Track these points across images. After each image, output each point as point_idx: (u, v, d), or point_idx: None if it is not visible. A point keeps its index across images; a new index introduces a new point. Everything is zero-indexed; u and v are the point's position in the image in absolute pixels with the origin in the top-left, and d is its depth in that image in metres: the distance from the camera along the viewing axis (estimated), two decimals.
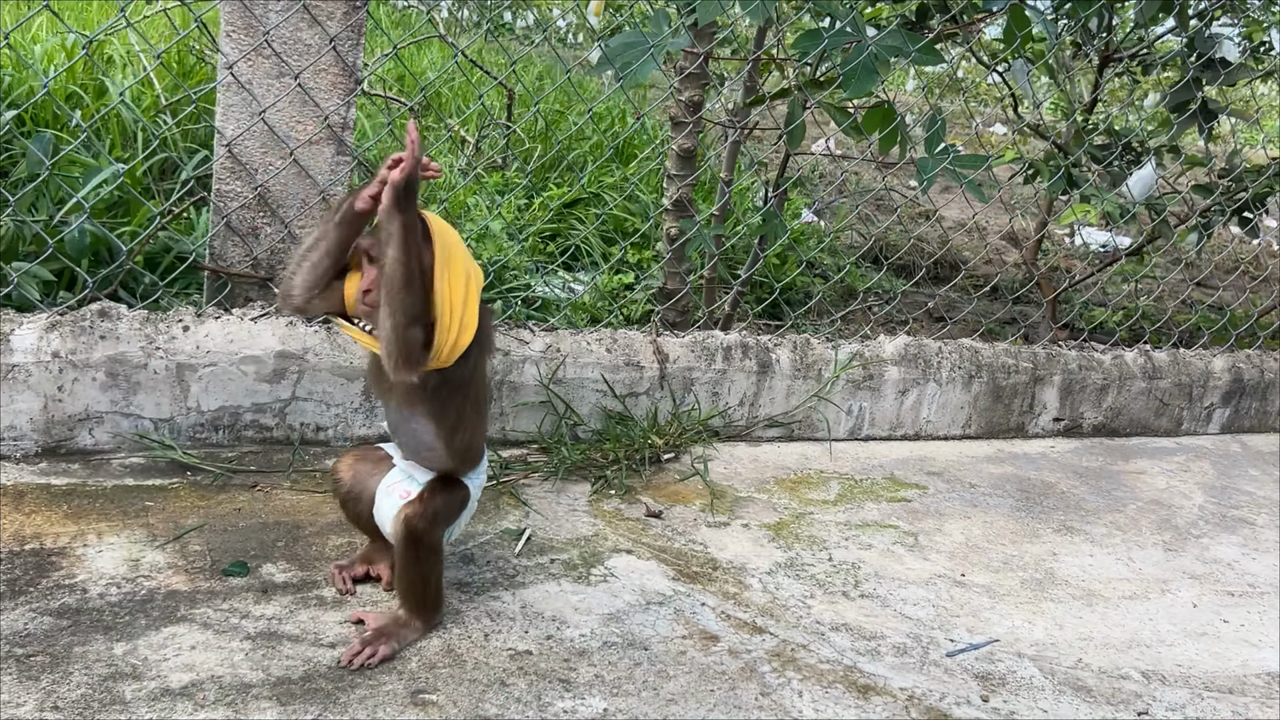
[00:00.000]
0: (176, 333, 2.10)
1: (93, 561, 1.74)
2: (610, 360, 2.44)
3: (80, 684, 1.44)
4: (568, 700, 1.56)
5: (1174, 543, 2.42)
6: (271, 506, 2.01)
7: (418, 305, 1.46)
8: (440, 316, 1.50)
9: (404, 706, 1.49)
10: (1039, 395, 2.92)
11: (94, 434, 2.07)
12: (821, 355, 2.67)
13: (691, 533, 2.16)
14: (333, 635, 1.64)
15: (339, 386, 2.22)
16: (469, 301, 1.52)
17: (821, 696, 1.65)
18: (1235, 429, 3.28)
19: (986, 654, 1.84)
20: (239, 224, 2.14)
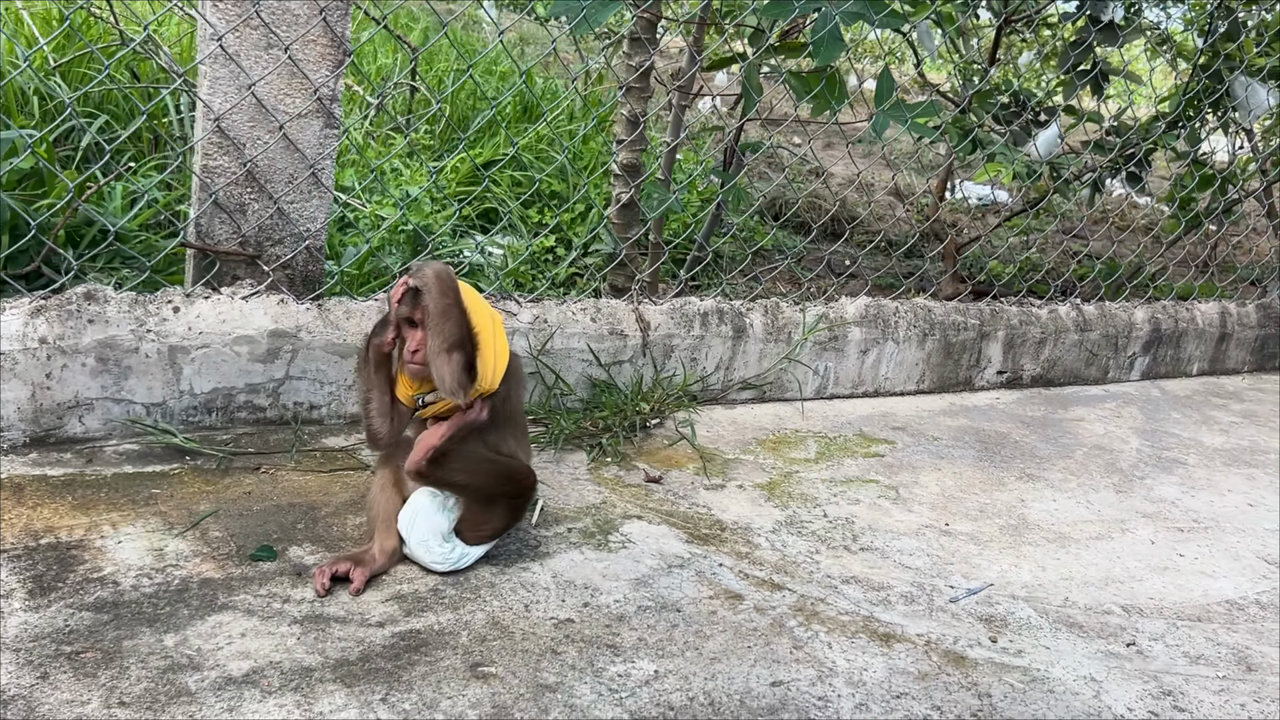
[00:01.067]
0: (167, 314, 2.04)
1: (115, 553, 1.70)
2: (595, 330, 2.47)
3: (140, 678, 1.43)
4: (619, 664, 1.62)
5: (1122, 485, 2.61)
6: (281, 488, 1.99)
7: (460, 331, 1.68)
8: (480, 347, 1.71)
9: (466, 680, 1.52)
10: (985, 350, 3.08)
11: (84, 421, 2.01)
12: (791, 318, 2.75)
13: (692, 496, 2.22)
14: (379, 615, 1.65)
15: (332, 364, 2.19)
16: (498, 334, 1.77)
17: (849, 646, 1.75)
18: (1153, 375, 3.52)
19: (984, 598, 1.98)
20: (226, 200, 2.08)
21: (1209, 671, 1.82)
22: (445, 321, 1.68)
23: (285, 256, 2.17)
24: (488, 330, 1.73)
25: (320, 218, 2.18)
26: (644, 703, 1.53)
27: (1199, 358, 3.59)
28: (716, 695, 1.57)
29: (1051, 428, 2.94)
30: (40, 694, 1.37)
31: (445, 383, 1.68)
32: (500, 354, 1.75)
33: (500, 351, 1.75)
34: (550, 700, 1.51)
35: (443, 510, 1.75)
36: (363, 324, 2.21)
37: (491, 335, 1.74)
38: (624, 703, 1.53)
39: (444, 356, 1.67)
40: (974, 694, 1.67)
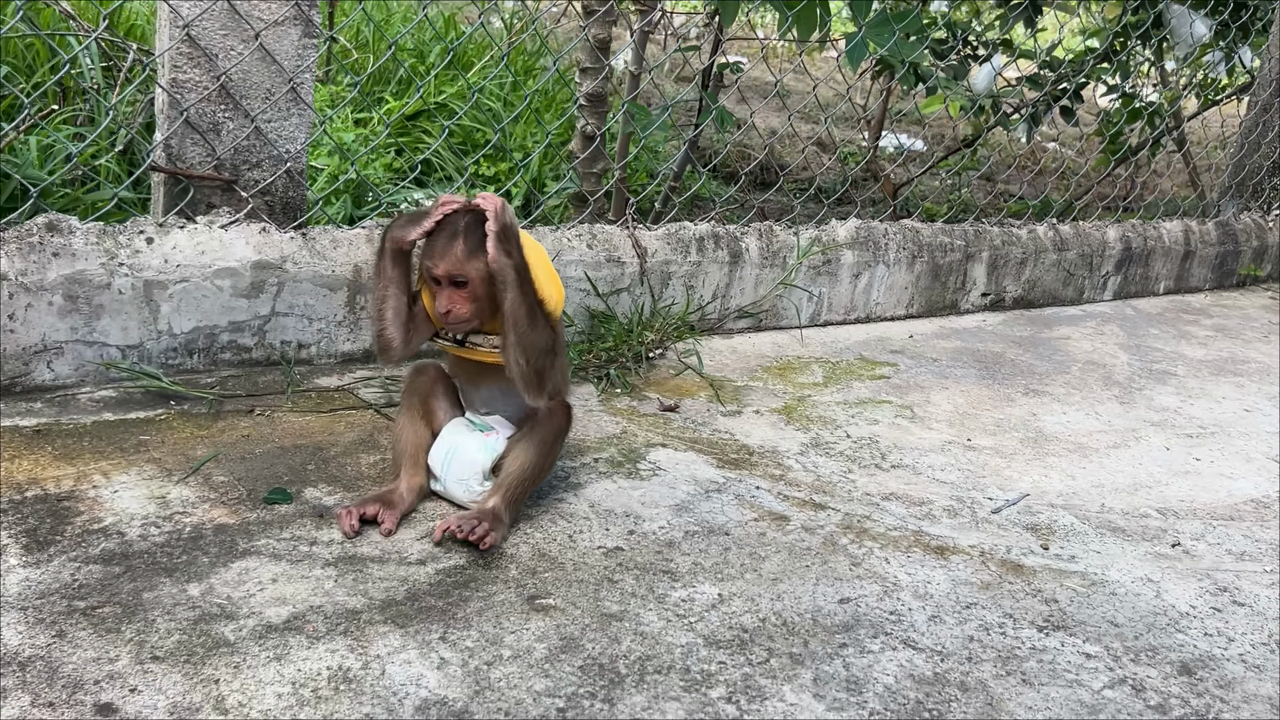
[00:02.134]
0: (140, 246, 1.85)
1: (113, 503, 1.53)
2: (592, 257, 2.35)
3: (171, 631, 1.27)
4: (680, 589, 1.52)
5: (1124, 396, 2.60)
6: (281, 430, 1.83)
7: (545, 338, 1.56)
8: (552, 312, 1.59)
9: (526, 613, 1.41)
10: (970, 272, 3.04)
11: (53, 367, 1.81)
12: (785, 242, 2.66)
13: (711, 423, 2.13)
14: (417, 552, 1.52)
15: (321, 299, 2.03)
16: (553, 278, 1.62)
17: (906, 561, 1.68)
18: (1125, 295, 3.54)
19: (1024, 508, 1.93)
20: (198, 119, 1.89)
21: (1256, 567, 1.80)
22: (533, 331, 1.53)
23: (264, 181, 1.98)
24: (546, 278, 1.59)
25: (301, 137, 2.00)
26: (715, 626, 1.44)
27: (1165, 275, 3.62)
28: (787, 615, 1.49)
29: (1042, 346, 2.92)
30: (60, 653, 1.21)
31: (531, 389, 1.56)
32: (559, 299, 1.61)
33: (558, 295, 1.61)
34: (618, 629, 1.40)
35: (483, 447, 1.62)
36: (351, 254, 2.05)
37: (548, 278, 1.59)
38: (694, 627, 1.43)
39: (531, 367, 1.54)
40: (1040, 600, 1.62)
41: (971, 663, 1.44)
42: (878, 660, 1.41)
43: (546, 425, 1.64)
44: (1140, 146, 4.48)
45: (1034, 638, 1.51)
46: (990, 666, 1.43)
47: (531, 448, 1.61)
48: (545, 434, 1.63)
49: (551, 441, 1.64)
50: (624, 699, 1.27)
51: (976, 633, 1.51)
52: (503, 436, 1.65)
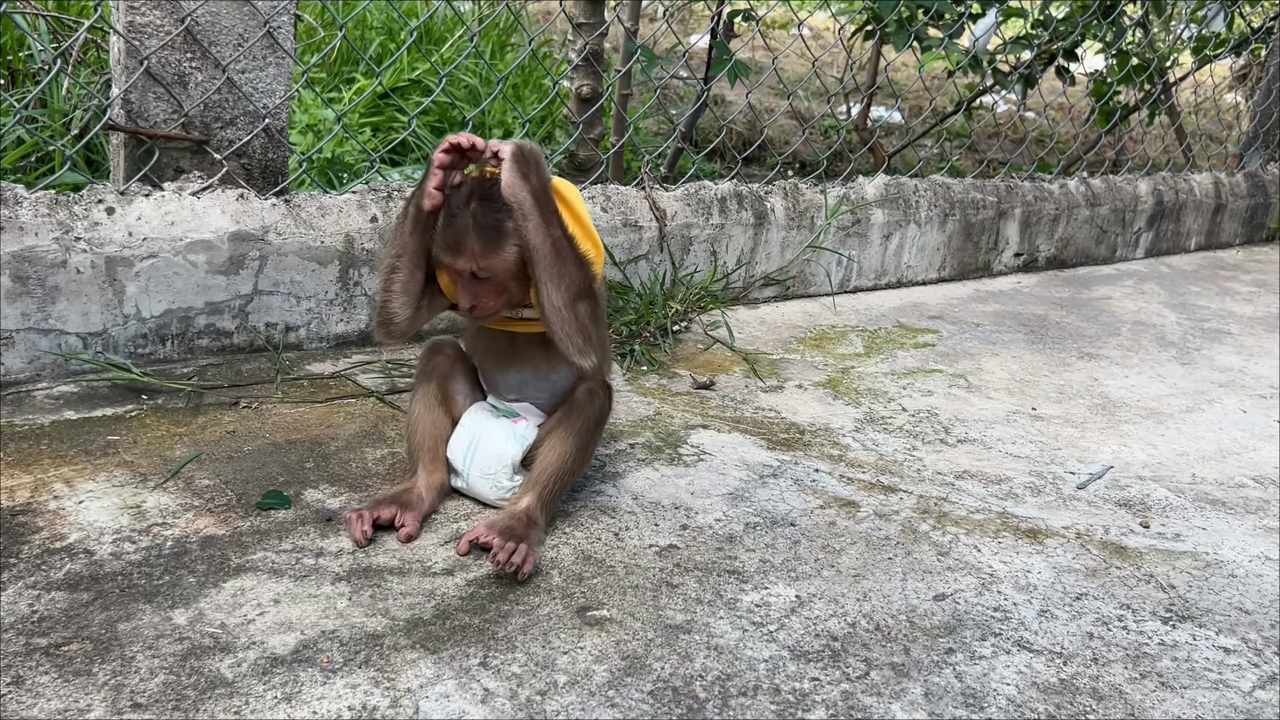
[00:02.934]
0: (99, 217, 1.60)
1: (79, 515, 1.29)
2: (608, 221, 2.12)
3: (155, 670, 1.04)
4: (751, 593, 1.30)
5: (1182, 357, 2.40)
6: (271, 424, 1.59)
7: (582, 278, 1.31)
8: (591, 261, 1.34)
9: (578, 629, 1.19)
10: (1003, 230, 2.84)
11: (2, 360, 1.57)
12: (812, 201, 2.44)
13: (752, 400, 1.91)
14: (442, 560, 1.29)
15: (309, 274, 1.79)
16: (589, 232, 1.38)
17: (998, 547, 1.47)
18: (1157, 252, 3.35)
19: (1111, 481, 1.72)
20: (161, 70, 1.64)
21: None
22: (564, 266, 1.27)
23: (240, 141, 1.74)
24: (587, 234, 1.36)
25: (279, 90, 1.75)
26: (799, 635, 1.22)
27: (1197, 231, 3.43)
28: (878, 617, 1.27)
29: (1084, 307, 2.72)
30: (18, 705, 0.98)
31: (573, 342, 1.30)
32: (598, 255, 1.37)
33: (596, 251, 1.37)
34: (688, 643, 1.18)
35: (511, 436, 1.39)
36: (342, 222, 1.81)
37: (583, 232, 1.35)
38: (775, 637, 1.21)
39: (568, 313, 1.28)
40: (1155, 586, 1.41)
41: (1099, 665, 1.23)
42: (992, 667, 1.20)
43: (585, 409, 1.41)
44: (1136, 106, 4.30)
45: (1160, 631, 1.31)
46: (1121, 669, 1.23)
47: (569, 437, 1.38)
48: (584, 420, 1.40)
49: (592, 428, 1.41)
50: None
51: (1095, 628, 1.30)
52: (532, 424, 1.42)
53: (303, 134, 3.10)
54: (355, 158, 3.28)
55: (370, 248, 1.83)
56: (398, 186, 1.90)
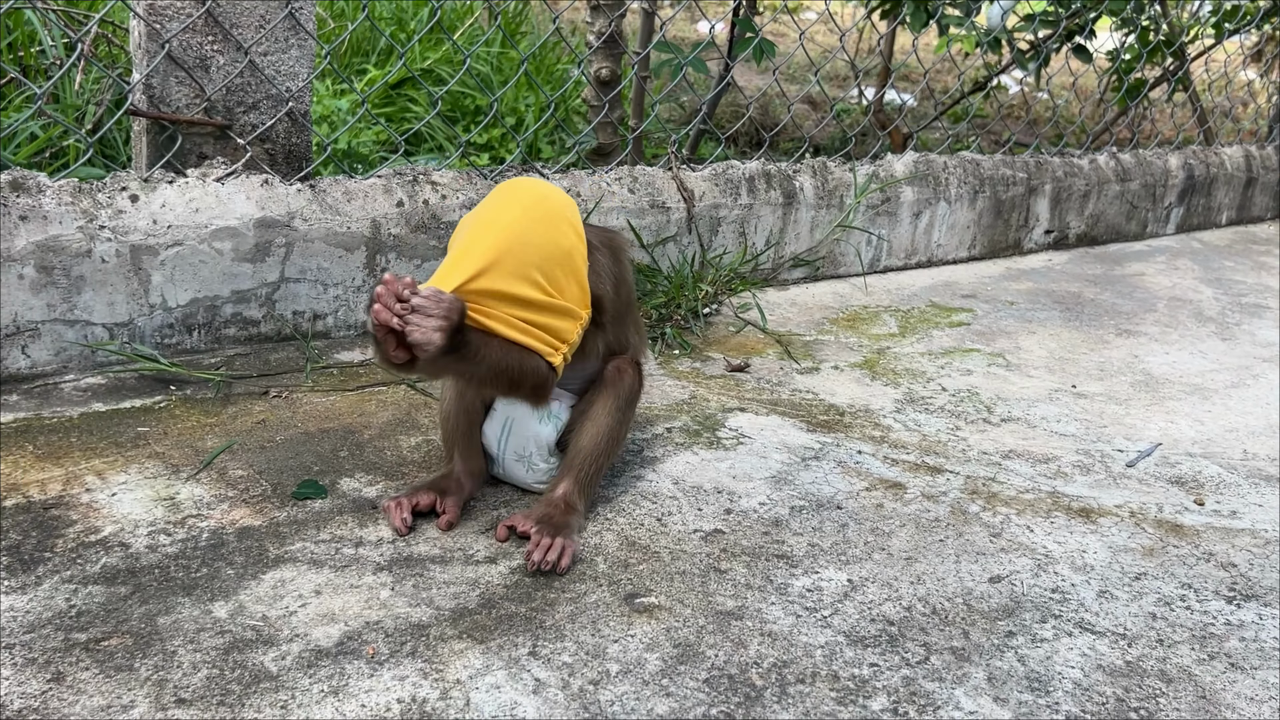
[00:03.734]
0: (123, 205, 1.57)
1: (112, 508, 1.27)
2: (635, 203, 2.08)
3: (197, 664, 1.01)
4: (801, 577, 1.26)
5: (1222, 332, 2.35)
6: (303, 413, 1.56)
7: (533, 367, 1.24)
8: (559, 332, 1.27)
9: (627, 616, 1.15)
10: (1033, 207, 2.79)
11: (29, 352, 1.54)
12: (841, 179, 2.39)
13: (788, 382, 1.87)
14: (484, 549, 1.26)
15: (336, 260, 1.75)
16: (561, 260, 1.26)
17: (1050, 527, 1.43)
18: (1188, 227, 3.29)
19: (1161, 459, 1.68)
20: (183, 53, 1.61)
21: None
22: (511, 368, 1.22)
23: (263, 125, 1.70)
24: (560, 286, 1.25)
25: (303, 73, 1.72)
26: (854, 620, 1.19)
27: (1228, 205, 3.37)
28: (934, 601, 1.24)
29: (1117, 284, 2.67)
30: (59, 701, 0.95)
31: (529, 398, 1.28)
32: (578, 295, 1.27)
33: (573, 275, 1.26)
34: (741, 629, 1.15)
35: (544, 417, 1.35)
36: (368, 207, 1.78)
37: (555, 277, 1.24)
38: (830, 623, 1.18)
39: (518, 389, 1.25)
40: (1215, 565, 1.37)
41: (1164, 646, 1.19)
42: (1055, 650, 1.17)
43: (616, 388, 1.37)
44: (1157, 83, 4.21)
45: (1225, 611, 1.27)
46: (1188, 650, 1.19)
47: (602, 416, 1.35)
48: (616, 399, 1.36)
49: (624, 407, 1.37)
50: (769, 718, 1.02)
51: (1157, 609, 1.26)
52: (565, 404, 1.39)
53: (317, 124, 3.07)
54: (370, 149, 3.25)
55: (397, 233, 1.80)
56: (422, 170, 1.87)
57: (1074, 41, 3.88)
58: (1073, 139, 4.02)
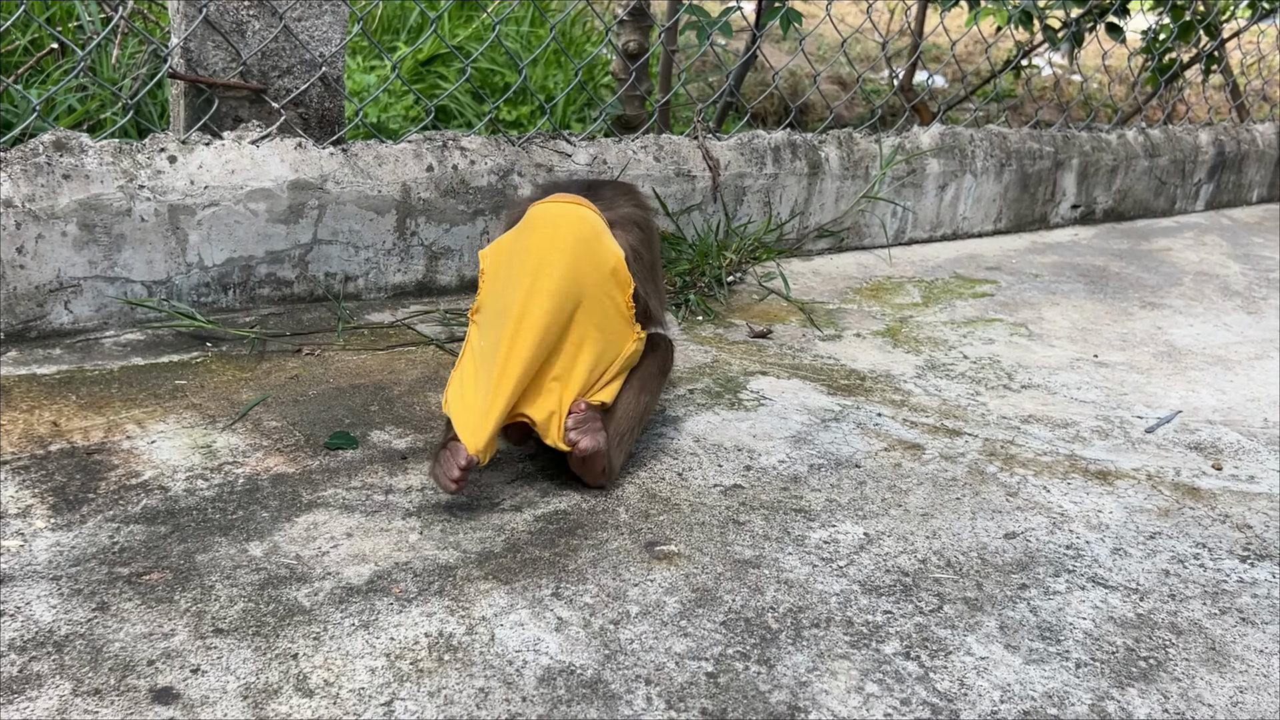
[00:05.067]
0: (162, 165, 1.61)
1: (152, 454, 1.31)
2: (660, 171, 2.10)
3: (234, 598, 1.06)
4: (819, 530, 1.29)
5: (1247, 306, 2.35)
6: (334, 370, 1.60)
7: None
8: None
9: (649, 562, 1.19)
10: (1060, 182, 2.78)
11: (71, 308, 1.59)
12: (867, 150, 2.41)
13: (810, 348, 1.89)
14: (510, 499, 1.29)
15: (367, 223, 1.79)
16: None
17: (1067, 488, 1.45)
18: (1217, 205, 3.27)
19: (1180, 425, 1.69)
20: (220, 18, 1.65)
21: None
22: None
23: (297, 89, 1.74)
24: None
25: (336, 39, 1.75)
26: (869, 570, 1.21)
27: (1259, 183, 3.35)
28: (949, 555, 1.26)
29: (1144, 258, 2.66)
30: (104, 629, 0.99)
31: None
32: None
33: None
34: (758, 577, 1.18)
35: None
36: (398, 171, 1.81)
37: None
38: (845, 572, 1.21)
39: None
40: (1231, 526, 1.38)
41: (1176, 601, 1.21)
42: (1067, 602, 1.19)
43: (650, 361, 1.41)
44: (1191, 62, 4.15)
45: (1239, 569, 1.28)
46: (1199, 604, 1.20)
47: (635, 385, 1.38)
48: (650, 370, 1.40)
49: (657, 375, 1.41)
50: (783, 659, 1.05)
51: (1171, 566, 1.28)
52: None
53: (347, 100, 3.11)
54: (400, 124, 3.29)
55: (426, 197, 1.83)
56: (452, 135, 1.90)
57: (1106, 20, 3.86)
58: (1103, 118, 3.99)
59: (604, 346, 1.30)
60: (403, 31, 4.04)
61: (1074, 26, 3.97)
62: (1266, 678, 1.08)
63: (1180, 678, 1.07)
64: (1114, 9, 4.01)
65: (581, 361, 1.28)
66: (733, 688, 1.00)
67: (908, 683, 1.03)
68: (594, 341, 1.28)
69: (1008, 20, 3.77)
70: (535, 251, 1.25)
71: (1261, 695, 1.05)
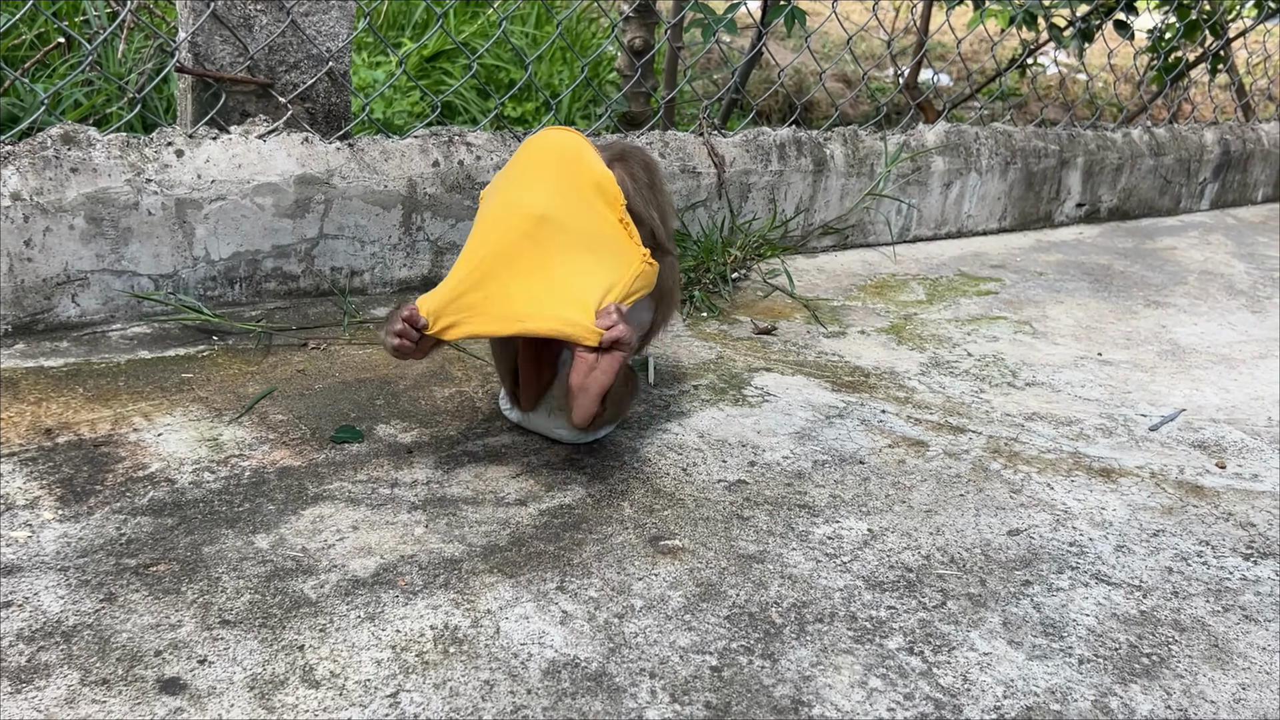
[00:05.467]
0: (169, 159, 1.62)
1: (158, 447, 1.32)
2: (666, 167, 2.10)
3: (240, 589, 1.06)
4: (822, 525, 1.29)
5: (1252, 305, 2.35)
6: (340, 364, 1.61)
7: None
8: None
9: (652, 557, 1.19)
10: (1064, 180, 2.78)
11: (79, 301, 1.59)
12: (872, 148, 2.41)
13: (814, 345, 1.89)
14: (515, 492, 1.30)
15: (373, 218, 1.80)
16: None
17: (1070, 485, 1.45)
18: (1222, 204, 3.27)
19: (1184, 424, 1.69)
20: (227, 12, 1.65)
21: None
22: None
23: (304, 84, 1.75)
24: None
25: (343, 34, 1.75)
26: (873, 566, 1.22)
27: (1264, 182, 3.35)
28: (952, 551, 1.26)
29: (1148, 257, 2.66)
30: (111, 620, 1.00)
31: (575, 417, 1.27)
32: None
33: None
34: (762, 572, 1.18)
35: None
36: (404, 166, 1.81)
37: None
38: (849, 568, 1.21)
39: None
40: (1234, 524, 1.39)
41: (1179, 598, 1.21)
42: (1070, 599, 1.19)
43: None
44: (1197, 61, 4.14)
45: (1242, 567, 1.29)
46: (1202, 601, 1.21)
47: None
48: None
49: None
50: (787, 653, 1.05)
51: (1174, 563, 1.28)
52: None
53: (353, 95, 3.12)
54: (405, 120, 3.29)
55: (432, 192, 1.84)
56: (458, 131, 1.90)
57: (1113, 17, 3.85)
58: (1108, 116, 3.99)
59: (601, 266, 1.24)
60: (408, 27, 4.05)
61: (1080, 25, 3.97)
62: (1269, 675, 1.08)
63: (1183, 674, 1.07)
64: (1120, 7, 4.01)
65: (577, 278, 1.23)
66: (736, 681, 1.00)
67: (911, 678, 1.03)
68: (587, 262, 1.23)
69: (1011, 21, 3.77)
70: (519, 167, 1.28)
71: (1264, 692, 1.06)
